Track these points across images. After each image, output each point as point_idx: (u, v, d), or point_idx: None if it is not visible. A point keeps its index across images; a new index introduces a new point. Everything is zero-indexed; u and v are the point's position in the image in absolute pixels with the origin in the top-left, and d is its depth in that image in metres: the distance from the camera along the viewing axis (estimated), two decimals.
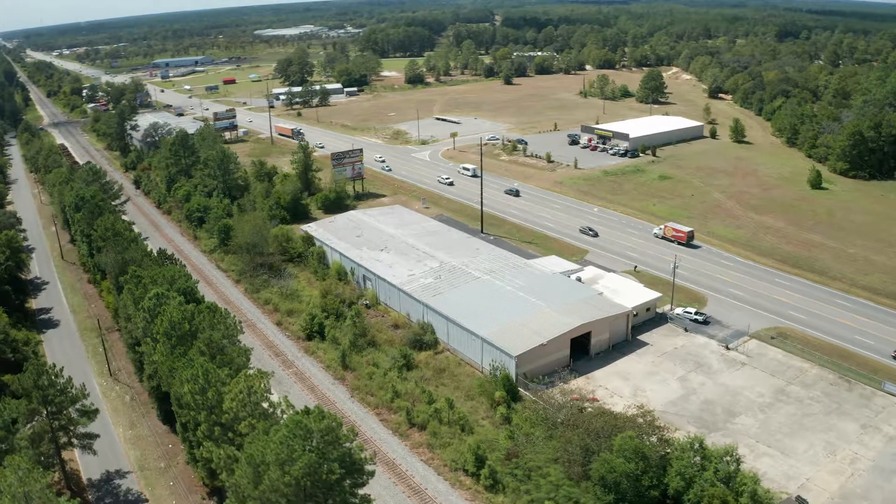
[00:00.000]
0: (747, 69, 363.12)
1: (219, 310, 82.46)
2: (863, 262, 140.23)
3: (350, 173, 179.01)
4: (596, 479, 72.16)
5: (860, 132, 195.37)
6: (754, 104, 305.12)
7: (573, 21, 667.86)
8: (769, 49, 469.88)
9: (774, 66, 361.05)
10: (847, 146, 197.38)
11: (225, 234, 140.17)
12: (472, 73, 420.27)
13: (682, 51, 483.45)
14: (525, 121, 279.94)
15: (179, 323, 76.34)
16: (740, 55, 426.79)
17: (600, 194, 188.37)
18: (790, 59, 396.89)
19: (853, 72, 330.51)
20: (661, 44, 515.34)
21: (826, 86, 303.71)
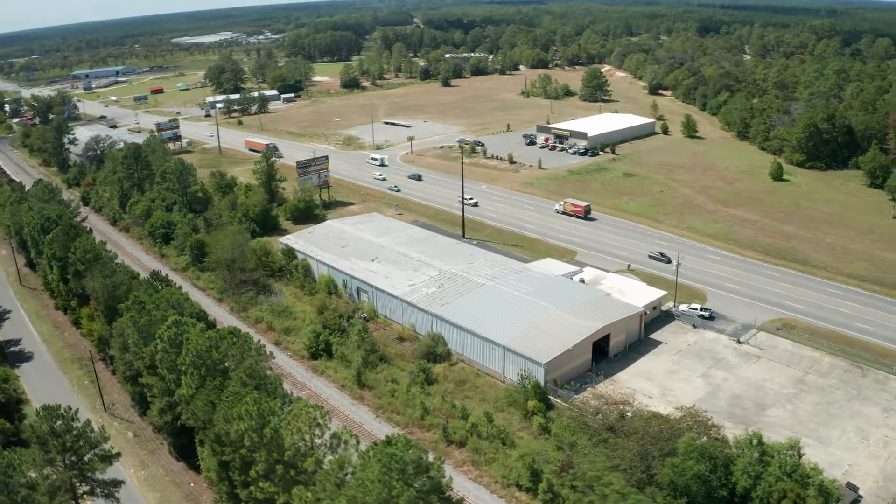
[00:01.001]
0: (684, 65, 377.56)
1: (242, 334, 78.75)
2: (841, 251, 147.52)
3: (316, 181, 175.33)
4: (665, 484, 72.81)
5: (815, 124, 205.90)
6: (697, 100, 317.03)
7: (497, 22, 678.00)
8: (697, 44, 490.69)
9: (710, 62, 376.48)
10: (803, 138, 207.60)
11: (198, 251, 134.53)
12: (407, 76, 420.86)
13: (613, 48, 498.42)
14: (475, 122, 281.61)
15: (206, 351, 72.39)
16: (672, 51, 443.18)
17: (570, 193, 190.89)
18: (722, 54, 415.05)
19: (785, 65, 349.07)
20: (591, 42, 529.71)
21: (764, 79, 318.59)
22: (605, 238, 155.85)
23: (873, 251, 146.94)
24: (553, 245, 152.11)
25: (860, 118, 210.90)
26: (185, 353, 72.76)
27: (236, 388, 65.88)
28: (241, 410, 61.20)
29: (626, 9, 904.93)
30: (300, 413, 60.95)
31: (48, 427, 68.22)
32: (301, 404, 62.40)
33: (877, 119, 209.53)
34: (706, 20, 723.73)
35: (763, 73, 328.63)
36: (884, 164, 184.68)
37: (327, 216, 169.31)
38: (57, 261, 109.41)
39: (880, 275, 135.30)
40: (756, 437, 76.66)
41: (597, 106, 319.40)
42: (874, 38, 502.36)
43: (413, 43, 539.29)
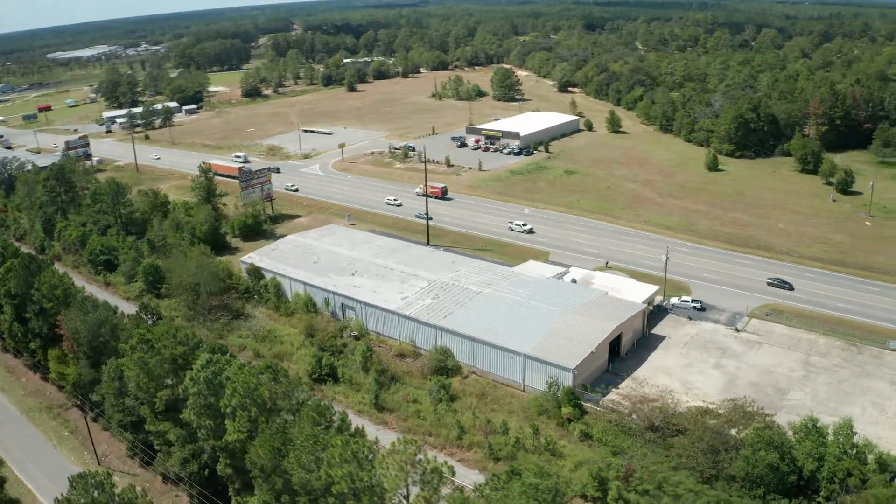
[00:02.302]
0: (588, 62, 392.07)
1: (280, 368, 74.72)
2: (797, 236, 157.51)
3: (260, 194, 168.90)
4: (741, 476, 75.15)
5: (742, 115, 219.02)
6: (611, 95, 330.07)
7: (383, 25, 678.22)
8: (592, 41, 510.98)
9: (614, 58, 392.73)
10: (731, 129, 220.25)
11: (153, 277, 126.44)
12: (308, 82, 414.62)
13: (511, 48, 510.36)
14: (397, 127, 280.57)
15: (254, 389, 67.95)
16: (570, 48, 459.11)
17: (518, 194, 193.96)
18: (621, 50, 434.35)
19: (692, 58, 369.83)
20: (487, 42, 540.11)
21: (672, 73, 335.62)
22: (573, 237, 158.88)
23: (825, 234, 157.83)
24: (524, 247, 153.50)
25: (782, 107, 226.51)
26: (231, 393, 67.78)
27: (308, 428, 61.91)
28: (334, 455, 57.25)
29: (506, 8, 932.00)
30: (400, 450, 58.12)
31: (88, 501, 61.93)
32: (400, 442, 59.43)
33: (797, 107, 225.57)
34: (588, 17, 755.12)
35: (668, 67, 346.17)
36: (815, 151, 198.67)
37: (276, 231, 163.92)
38: (10, 298, 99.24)
39: (840, 256, 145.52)
40: (812, 421, 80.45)
41: (511, 106, 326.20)
42: (757, 28, 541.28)
43: (305, 49, 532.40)
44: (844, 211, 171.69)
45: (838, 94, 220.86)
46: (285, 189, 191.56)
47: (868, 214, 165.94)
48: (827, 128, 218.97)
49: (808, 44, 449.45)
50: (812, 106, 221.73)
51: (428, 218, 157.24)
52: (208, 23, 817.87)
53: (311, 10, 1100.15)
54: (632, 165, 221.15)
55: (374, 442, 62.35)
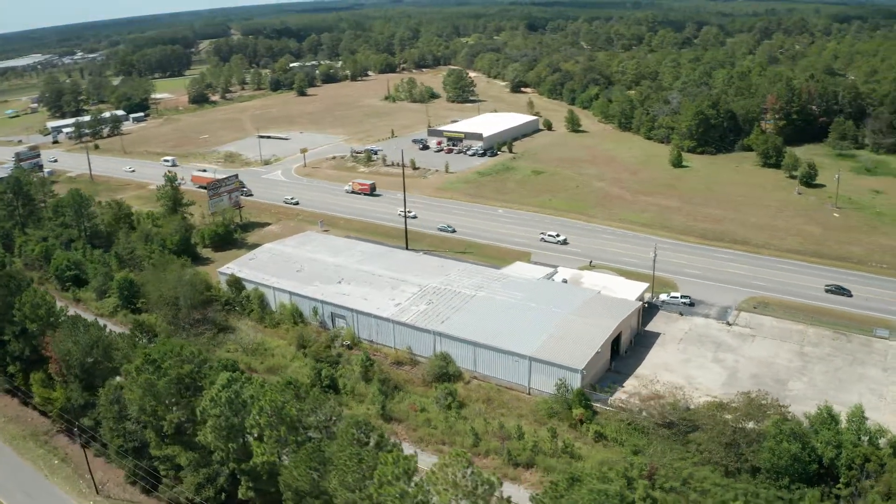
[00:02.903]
0: (537, 62, 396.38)
1: (303, 384, 73.07)
2: (770, 229, 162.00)
3: (228, 203, 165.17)
4: (766, 468, 76.61)
5: (702, 111, 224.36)
6: (565, 95, 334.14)
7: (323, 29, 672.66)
8: (537, 41, 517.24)
9: (564, 58, 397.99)
10: (692, 125, 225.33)
11: (128, 291, 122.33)
12: (255, 87, 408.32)
13: (458, 49, 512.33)
14: (355, 130, 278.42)
15: (281, 408, 66.13)
16: (516, 49, 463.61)
17: (489, 195, 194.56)
18: (569, 50, 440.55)
19: (632, 56, 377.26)
20: (432, 44, 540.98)
21: (623, 72, 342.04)
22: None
23: (797, 226, 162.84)
24: (505, 248, 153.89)
25: (740, 103, 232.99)
26: (257, 413, 65.66)
27: (350, 447, 60.44)
28: (386, 473, 55.88)
29: (443, 10, 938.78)
30: (450, 464, 57.17)
31: None
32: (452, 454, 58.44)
33: (755, 103, 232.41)
34: (529, 18, 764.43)
35: (620, 65, 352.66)
36: (776, 146, 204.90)
37: (247, 239, 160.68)
38: None
39: (816, 247, 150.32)
40: (826, 410, 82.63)
41: (466, 107, 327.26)
42: (698, 26, 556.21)
43: (248, 54, 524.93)
44: (811, 203, 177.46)
45: (794, 90, 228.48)
46: (284, 202, 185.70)
47: (835, 206, 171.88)
48: (784, 122, 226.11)
49: (750, 40, 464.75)
50: (769, 101, 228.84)
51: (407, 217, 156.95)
52: (144, 29, 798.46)
53: (247, 14, 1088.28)
54: (597, 164, 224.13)
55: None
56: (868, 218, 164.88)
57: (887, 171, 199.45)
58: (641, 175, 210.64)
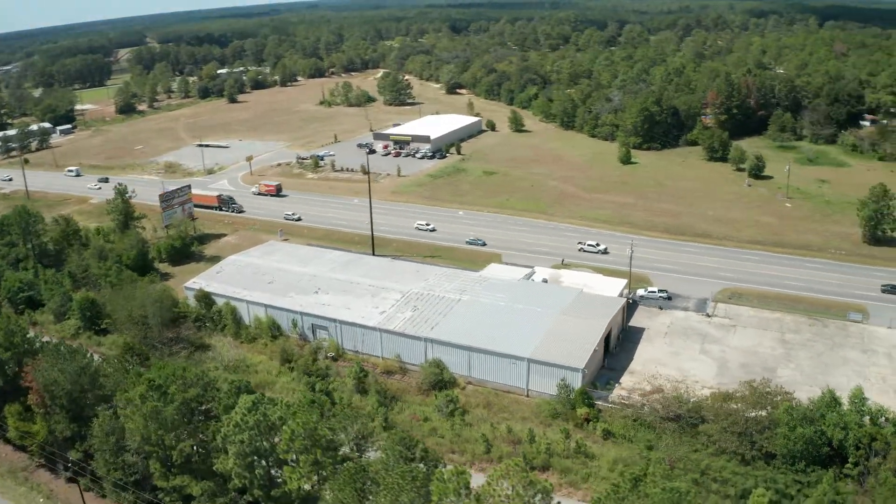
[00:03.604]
0: (471, 63, 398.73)
1: (324, 400, 70.85)
2: (728, 221, 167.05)
3: (181, 214, 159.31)
4: (782, 453, 78.58)
5: (647, 108, 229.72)
6: (503, 95, 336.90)
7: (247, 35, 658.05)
8: (465, 43, 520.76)
9: (496, 58, 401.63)
10: (638, 122, 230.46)
11: (91, 312, 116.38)
12: (182, 95, 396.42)
13: (387, 52, 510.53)
14: (296, 136, 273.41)
15: (314, 429, 63.76)
16: (448, 51, 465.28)
17: (446, 197, 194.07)
18: (500, 51, 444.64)
19: (563, 56, 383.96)
20: (361, 48, 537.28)
21: (558, 71, 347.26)
22: (518, 237, 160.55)
23: (753, 218, 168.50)
24: (474, 251, 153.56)
25: (682, 99, 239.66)
26: (290, 437, 62.90)
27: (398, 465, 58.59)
28: (447, 491, 54.16)
29: (362, 14, 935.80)
30: (508, 475, 55.99)
31: None
32: (511, 464, 57.28)
33: (696, 99, 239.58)
34: (449, 19, 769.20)
35: (554, 65, 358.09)
36: (722, 139, 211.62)
37: (205, 252, 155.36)
38: None
39: (775, 237, 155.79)
40: (829, 394, 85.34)
41: (404, 110, 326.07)
42: (619, 24, 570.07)
43: (171, 61, 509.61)
44: (762, 195, 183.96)
45: (734, 85, 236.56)
46: (285, 218, 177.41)
47: (786, 197, 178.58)
48: (725, 117, 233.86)
49: (674, 37, 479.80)
50: (710, 97, 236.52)
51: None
52: (57, 39, 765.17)
53: (162, 22, 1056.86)
54: (546, 163, 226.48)
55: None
56: (818, 207, 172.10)
57: (828, 161, 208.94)
58: (592, 173, 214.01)
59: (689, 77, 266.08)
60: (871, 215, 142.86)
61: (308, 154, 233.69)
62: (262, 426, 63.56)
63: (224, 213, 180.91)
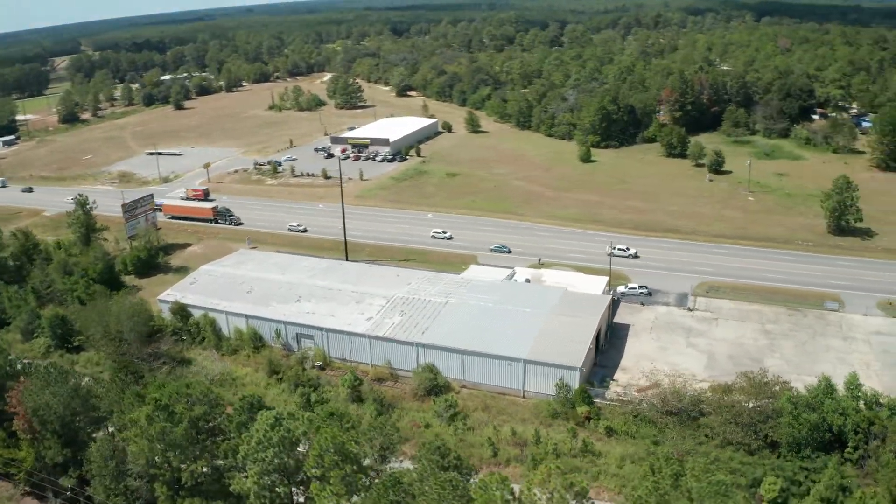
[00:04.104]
0: (419, 65, 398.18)
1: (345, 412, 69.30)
2: (694, 216, 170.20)
3: (145, 224, 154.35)
4: (787, 441, 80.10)
5: (604, 106, 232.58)
6: (455, 96, 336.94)
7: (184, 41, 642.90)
8: (409, 45, 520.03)
9: (445, 60, 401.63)
10: (596, 120, 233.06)
11: (62, 329, 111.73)
12: (126, 103, 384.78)
13: (332, 55, 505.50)
14: (250, 142, 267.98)
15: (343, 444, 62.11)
16: (395, 53, 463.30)
17: (412, 200, 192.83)
18: (447, 53, 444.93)
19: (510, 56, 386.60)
20: (305, 52, 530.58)
21: (508, 71, 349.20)
22: (491, 238, 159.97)
23: (718, 212, 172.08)
24: (447, 252, 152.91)
25: (637, 97, 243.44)
26: (319, 454, 60.99)
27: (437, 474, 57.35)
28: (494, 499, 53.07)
29: (299, 18, 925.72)
30: (548, 480, 55.34)
31: None
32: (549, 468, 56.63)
33: (650, 96, 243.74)
34: (388, 22, 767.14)
35: (505, 65, 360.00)
36: (681, 136, 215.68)
37: (171, 262, 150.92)
38: None
39: (742, 231, 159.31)
40: (826, 381, 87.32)
41: (357, 113, 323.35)
42: (560, 25, 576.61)
43: (111, 69, 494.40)
44: (724, 189, 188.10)
45: (687, 82, 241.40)
46: (289, 229, 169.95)
47: (748, 191, 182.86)
48: (680, 113, 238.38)
49: (616, 36, 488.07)
50: (665, 94, 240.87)
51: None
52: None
53: (95, 30, 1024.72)
54: (507, 163, 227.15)
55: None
56: (780, 200, 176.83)
57: (784, 154, 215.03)
58: (554, 172, 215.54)
59: (643, 75, 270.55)
60: (836, 206, 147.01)
61: (265, 160, 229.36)
62: (286, 443, 61.44)
63: (221, 225, 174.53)
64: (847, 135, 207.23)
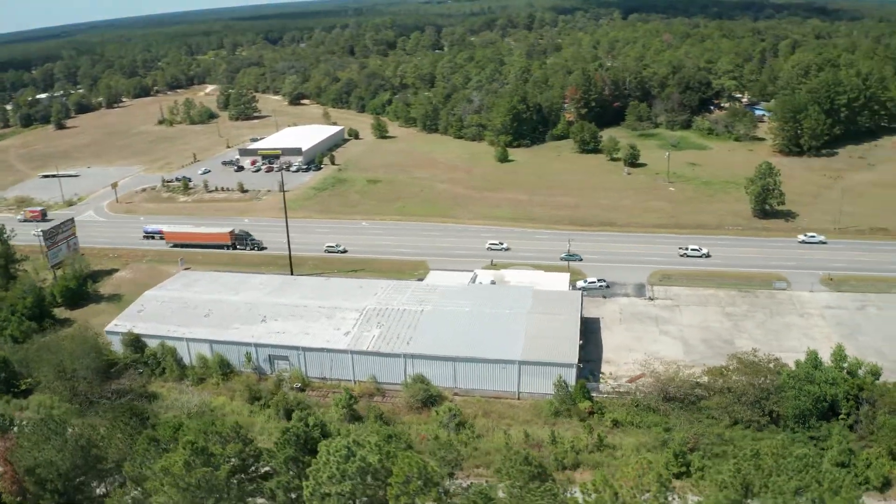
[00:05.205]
0: (309, 72, 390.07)
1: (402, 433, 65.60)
2: (625, 209, 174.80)
3: (67, 251, 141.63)
4: (793, 414, 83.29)
5: (514, 106, 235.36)
6: (353, 103, 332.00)
7: (48, 58, 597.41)
8: (290, 53, 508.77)
9: (335, 67, 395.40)
10: (507, 120, 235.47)
11: (4, 373, 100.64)
12: (1, 125, 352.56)
13: (214, 67, 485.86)
14: (149, 159, 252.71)
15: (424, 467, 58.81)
16: (279, 61, 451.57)
17: (340, 209, 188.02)
18: (333, 60, 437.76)
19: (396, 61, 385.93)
20: (183, 64, 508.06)
21: (402, 76, 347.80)
22: (435, 243, 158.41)
23: (645, 203, 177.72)
24: (396, 260, 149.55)
25: (544, 96, 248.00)
26: (404, 481, 57.06)
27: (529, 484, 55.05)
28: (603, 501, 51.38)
29: (167, 30, 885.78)
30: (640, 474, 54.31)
31: None
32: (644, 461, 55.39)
33: (556, 95, 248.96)
34: (262, 31, 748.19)
35: (399, 70, 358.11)
36: (593, 132, 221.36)
37: (100, 291, 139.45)
38: None
39: (674, 220, 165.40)
40: (813, 355, 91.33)
41: (255, 124, 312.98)
42: (437, 29, 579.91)
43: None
44: (644, 181, 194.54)
45: (590, 79, 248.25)
46: (327, 250, 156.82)
47: (668, 182, 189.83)
48: (585, 110, 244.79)
49: (496, 37, 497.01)
50: (570, 92, 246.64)
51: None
52: None
53: None
54: (425, 167, 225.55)
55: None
56: (699, 188, 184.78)
57: (690, 145, 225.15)
58: (475, 173, 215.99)
59: (546, 74, 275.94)
60: (760, 191, 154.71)
61: (173, 176, 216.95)
62: (363, 473, 57.07)
63: (240, 251, 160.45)
64: (748, 123, 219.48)
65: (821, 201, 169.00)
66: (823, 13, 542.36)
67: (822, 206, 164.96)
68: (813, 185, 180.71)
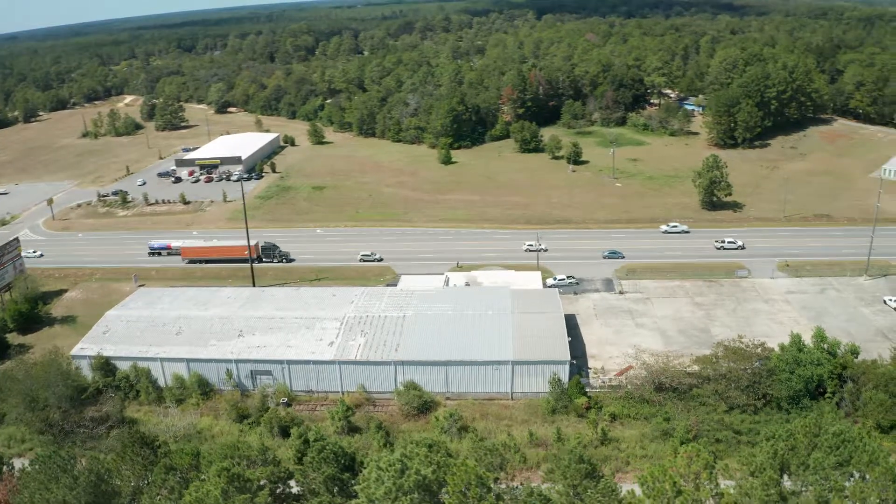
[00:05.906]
0: (234, 80, 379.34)
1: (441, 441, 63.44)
2: (577, 206, 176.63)
3: (13, 273, 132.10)
4: (786, 395, 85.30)
5: (454, 108, 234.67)
6: (283, 109, 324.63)
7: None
8: (209, 61, 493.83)
9: (258, 74, 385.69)
10: (447, 122, 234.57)
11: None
12: None
13: (132, 77, 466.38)
14: (78, 174, 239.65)
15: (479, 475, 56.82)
16: (198, 69, 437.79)
17: (290, 217, 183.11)
18: (255, 67, 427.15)
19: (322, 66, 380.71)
20: (100, 75, 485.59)
21: (331, 80, 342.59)
22: (397, 248, 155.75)
23: (595, 200, 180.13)
24: (363, 267, 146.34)
25: (481, 97, 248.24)
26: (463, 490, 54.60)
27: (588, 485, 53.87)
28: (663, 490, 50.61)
29: (73, 41, 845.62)
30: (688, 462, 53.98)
31: None
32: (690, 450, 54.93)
33: (492, 96, 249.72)
34: (173, 39, 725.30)
35: (328, 75, 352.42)
36: (533, 131, 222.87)
37: (52, 313, 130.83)
38: None
39: (626, 215, 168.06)
40: (797, 338, 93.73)
41: (184, 134, 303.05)
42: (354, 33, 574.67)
43: None
44: (589, 179, 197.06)
45: (525, 79, 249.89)
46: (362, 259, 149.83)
47: (614, 178, 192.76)
48: (522, 110, 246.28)
49: (416, 40, 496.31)
50: (506, 92, 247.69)
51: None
52: None
53: None
54: (369, 172, 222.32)
55: None
56: (645, 183, 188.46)
57: (628, 141, 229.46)
58: (421, 176, 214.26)
59: (482, 75, 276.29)
60: (708, 183, 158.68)
61: (109, 190, 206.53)
62: (421, 487, 54.46)
63: (267, 264, 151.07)
64: (682, 118, 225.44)
65: (762, 191, 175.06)
66: (731, 9, 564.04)
67: (765, 196, 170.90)
68: (752, 176, 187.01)
